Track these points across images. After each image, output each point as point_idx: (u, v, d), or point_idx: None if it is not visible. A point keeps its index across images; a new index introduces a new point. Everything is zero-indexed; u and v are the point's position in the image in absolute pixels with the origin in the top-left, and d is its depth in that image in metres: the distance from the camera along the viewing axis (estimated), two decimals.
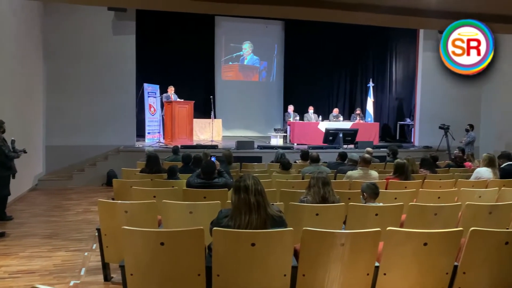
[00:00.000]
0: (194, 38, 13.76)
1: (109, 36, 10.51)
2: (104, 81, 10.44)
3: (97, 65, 10.38)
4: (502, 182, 5.67)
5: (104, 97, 10.42)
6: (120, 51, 10.57)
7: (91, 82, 10.37)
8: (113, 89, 10.50)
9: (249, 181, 2.70)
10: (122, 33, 10.60)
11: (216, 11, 8.38)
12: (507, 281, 2.87)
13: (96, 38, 10.40)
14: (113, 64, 10.50)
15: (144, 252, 2.61)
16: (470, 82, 12.60)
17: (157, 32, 13.05)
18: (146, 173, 5.92)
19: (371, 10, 5.44)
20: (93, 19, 10.27)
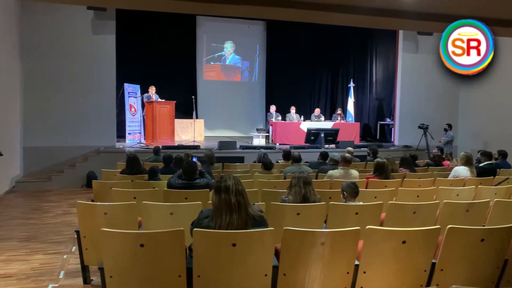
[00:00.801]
0: (176, 38, 13.67)
1: (88, 35, 10.36)
2: (84, 81, 10.29)
3: (77, 65, 10.22)
4: (479, 181, 5.80)
5: (84, 97, 10.26)
6: (100, 50, 10.43)
7: (70, 82, 10.20)
8: (93, 89, 10.35)
9: (230, 182, 2.70)
10: (102, 32, 10.47)
11: (196, 11, 8.36)
12: (483, 277, 2.93)
13: (75, 37, 10.23)
14: (93, 63, 10.35)
15: (123, 254, 2.58)
16: (447, 82, 12.85)
17: (138, 32, 12.91)
18: (126, 174, 5.86)
19: (348, 11, 5.49)
20: (72, 18, 10.11)
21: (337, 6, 5.40)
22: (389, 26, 8.52)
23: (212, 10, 5.59)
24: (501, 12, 6.02)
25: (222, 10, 5.65)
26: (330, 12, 5.50)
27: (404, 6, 5.60)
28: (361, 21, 6.38)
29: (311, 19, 6.44)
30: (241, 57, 15.26)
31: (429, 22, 6.72)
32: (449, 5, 6.16)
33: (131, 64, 12.51)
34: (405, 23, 7.14)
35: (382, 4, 5.52)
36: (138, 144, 10.98)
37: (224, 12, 6.50)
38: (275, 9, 5.20)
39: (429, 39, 12.44)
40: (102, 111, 10.45)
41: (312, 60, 15.24)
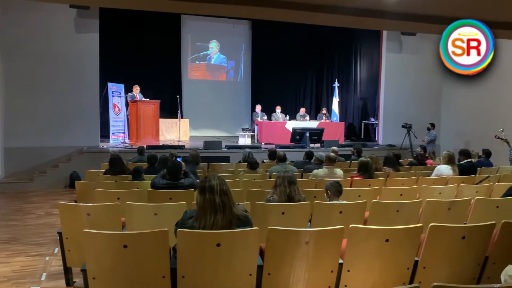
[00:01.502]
0: (160, 37, 13.57)
1: (71, 34, 10.21)
2: (67, 80, 10.14)
3: (59, 64, 10.07)
4: (461, 179, 5.90)
5: (67, 96, 10.12)
6: (83, 49, 10.29)
7: (53, 81, 10.05)
8: (76, 89, 10.21)
9: (214, 181, 2.69)
10: (85, 31, 10.33)
11: (181, 10, 8.29)
12: (465, 274, 2.98)
13: (58, 36, 10.07)
14: (76, 62, 10.21)
15: (106, 255, 2.55)
16: (431, 82, 13.05)
17: (122, 30, 12.78)
18: (110, 174, 5.80)
19: (332, 12, 5.51)
20: (55, 17, 9.96)
21: (321, 6, 5.42)
22: (373, 26, 8.60)
23: (196, 9, 5.56)
24: (484, 13, 6.12)
25: (206, 10, 5.64)
26: (314, 12, 5.52)
27: (388, 6, 5.65)
28: (345, 21, 6.41)
29: (295, 19, 6.46)
30: (227, 56, 15.24)
31: (412, 23, 6.79)
32: (433, 6, 6.23)
33: (115, 63, 12.39)
34: (389, 24, 7.21)
35: (365, 4, 5.55)
36: (122, 144, 10.87)
37: (208, 12, 6.49)
38: (259, 9, 5.20)
39: (413, 39, 12.62)
40: (85, 110, 10.32)
41: (298, 59, 15.30)
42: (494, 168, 7.41)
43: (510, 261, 2.59)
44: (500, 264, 2.73)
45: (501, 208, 4.08)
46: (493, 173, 6.90)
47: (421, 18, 6.65)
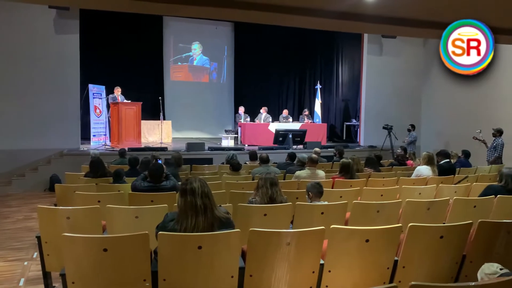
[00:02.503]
0: (142, 38, 13.48)
1: (51, 35, 10.06)
2: (46, 81, 9.98)
3: (39, 65, 9.91)
4: (440, 179, 6.00)
5: (46, 98, 9.95)
6: (63, 50, 10.15)
7: (32, 82, 9.88)
8: (55, 90, 10.05)
9: (196, 184, 2.68)
10: (65, 32, 10.19)
11: (162, 12, 8.27)
12: (443, 272, 3.03)
13: (37, 37, 9.91)
14: (56, 64, 10.06)
15: (86, 259, 2.52)
16: (411, 84, 13.26)
17: (103, 31, 12.64)
18: (90, 177, 5.72)
19: (310, 14, 5.55)
20: (33, 17, 9.79)
21: (299, 9, 5.45)
22: (353, 29, 8.70)
23: (176, 11, 5.54)
24: (464, 15, 6.23)
25: (186, 12, 5.61)
26: (292, 15, 5.55)
27: (367, 10, 5.72)
28: (325, 24, 6.46)
29: (274, 21, 6.48)
30: (209, 58, 15.21)
31: (392, 26, 6.88)
32: (413, 10, 6.32)
33: (96, 64, 12.26)
34: (368, 27, 7.29)
35: (345, 8, 5.61)
36: (103, 146, 10.74)
37: (188, 13, 6.46)
38: (238, 11, 5.21)
39: (393, 42, 12.81)
40: (65, 112, 10.17)
41: (280, 61, 15.36)
42: (472, 169, 7.57)
43: (486, 259, 2.66)
44: (477, 262, 2.79)
45: (478, 208, 4.17)
46: (471, 173, 7.05)
47: (401, 22, 6.73)
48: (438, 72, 12.77)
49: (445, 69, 12.66)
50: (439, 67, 12.66)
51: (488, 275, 2.39)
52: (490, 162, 8.51)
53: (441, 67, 12.63)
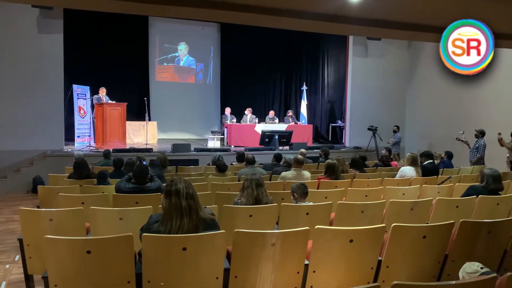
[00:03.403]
0: (127, 38, 13.36)
1: (34, 34, 9.91)
2: (29, 82, 9.82)
3: (21, 65, 9.75)
4: (424, 180, 6.08)
5: (29, 98, 9.80)
6: (47, 50, 10.01)
7: (14, 82, 9.71)
8: (39, 90, 9.90)
9: (180, 185, 2.67)
10: (49, 31, 10.05)
11: (147, 13, 8.21)
12: (426, 272, 3.07)
13: (19, 36, 9.75)
14: (39, 64, 9.91)
15: (69, 261, 2.49)
16: (395, 85, 13.42)
17: (87, 31, 12.52)
18: (74, 178, 5.66)
19: (296, 16, 5.58)
20: (16, 16, 9.63)
21: (285, 11, 5.47)
22: (338, 31, 8.76)
23: (165, 12, 5.51)
24: (448, 18, 6.31)
25: (172, 12, 5.59)
26: (278, 17, 5.57)
27: (352, 12, 5.77)
28: (310, 26, 6.49)
29: (259, 23, 6.49)
30: (196, 58, 15.16)
31: (377, 28, 6.95)
32: (398, 13, 6.39)
33: (80, 64, 12.14)
34: (354, 29, 7.35)
35: (330, 10, 5.65)
36: (88, 147, 10.62)
37: (173, 14, 6.42)
38: (224, 12, 5.20)
39: (378, 44, 12.94)
40: (49, 113, 10.03)
41: (266, 62, 15.40)
42: (455, 169, 7.69)
43: (468, 258, 2.70)
44: (458, 261, 2.83)
45: (460, 208, 4.23)
46: (454, 173, 7.15)
47: (386, 24, 6.80)
48: (422, 73, 12.97)
49: (429, 70, 12.88)
50: (423, 69, 12.88)
51: (469, 274, 2.43)
52: (472, 163, 8.65)
53: (425, 68, 12.88)
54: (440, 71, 12.01)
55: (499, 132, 8.02)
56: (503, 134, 8.02)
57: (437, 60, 12.03)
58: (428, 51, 12.53)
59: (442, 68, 11.97)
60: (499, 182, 4.48)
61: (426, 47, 12.53)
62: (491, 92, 10.39)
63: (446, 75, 11.76)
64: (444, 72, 11.86)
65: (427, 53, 12.69)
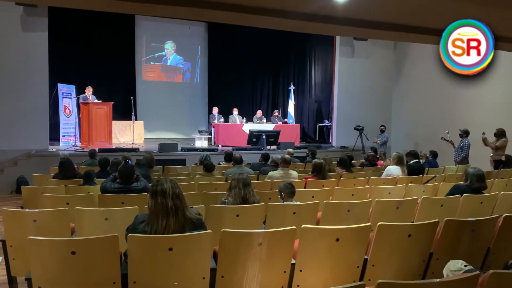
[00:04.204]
0: (113, 37, 13.24)
1: (17, 32, 9.75)
2: (13, 80, 9.66)
3: (5, 63, 9.58)
4: (409, 179, 6.14)
5: (13, 98, 9.63)
6: (31, 48, 9.86)
7: None
8: (23, 90, 9.75)
9: (166, 185, 2.66)
10: (33, 29, 9.90)
11: (134, 11, 8.13)
12: (412, 270, 3.11)
13: (2, 34, 9.59)
14: (23, 62, 9.76)
15: (53, 262, 2.46)
16: (381, 86, 13.53)
17: (73, 29, 12.36)
18: (59, 179, 5.59)
19: (284, 16, 5.58)
20: None
21: (270, 10, 5.47)
22: (324, 31, 8.80)
23: (152, 11, 5.47)
24: (439, 21, 6.34)
25: (158, 11, 5.55)
26: (263, 16, 5.56)
27: (338, 12, 5.79)
28: (296, 26, 6.50)
29: (246, 22, 6.49)
30: (183, 57, 15.09)
31: (363, 29, 6.98)
32: (384, 14, 6.43)
33: (65, 63, 12.00)
34: (340, 29, 7.39)
35: (315, 10, 5.66)
36: (73, 147, 10.50)
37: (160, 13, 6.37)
38: (208, 11, 5.19)
39: (364, 44, 13.04)
40: (33, 112, 9.88)
41: (254, 62, 15.39)
42: (440, 168, 7.78)
43: (452, 256, 2.74)
44: (443, 260, 2.85)
45: (445, 207, 4.29)
46: (439, 173, 7.24)
47: (372, 25, 6.84)
48: (408, 74, 13.11)
49: (415, 71, 12.98)
50: (409, 69, 13.01)
51: (453, 271, 2.46)
52: (457, 162, 8.77)
53: (411, 69, 13.00)
54: (425, 72, 12.18)
55: (483, 132, 8.14)
56: (487, 134, 8.14)
57: (423, 61, 12.24)
58: (414, 52, 12.68)
59: (427, 68, 12.16)
60: (483, 181, 4.54)
61: (412, 47, 12.67)
62: (475, 93, 10.54)
63: (431, 75, 11.93)
64: (430, 73, 12.04)
65: (412, 53, 12.83)
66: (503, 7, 5.84)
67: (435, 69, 11.68)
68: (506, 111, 9.71)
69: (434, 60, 11.54)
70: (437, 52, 10.85)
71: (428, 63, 12.00)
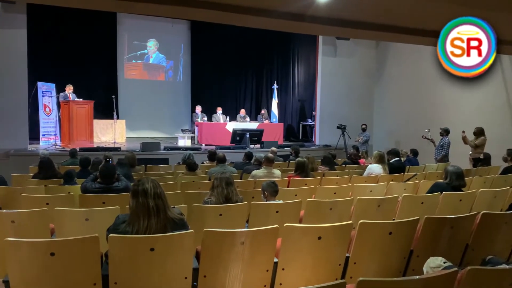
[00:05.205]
0: (94, 34, 13.06)
1: None
2: None
3: None
4: (390, 177, 6.21)
5: None
6: (9, 46, 9.67)
7: None
8: (1, 88, 9.56)
9: (148, 185, 2.64)
10: (11, 26, 9.70)
11: (115, 9, 8.03)
12: (393, 267, 3.14)
13: None
14: (1, 60, 9.56)
15: (31, 264, 2.42)
16: (363, 85, 13.66)
17: (53, 27, 12.15)
18: (39, 178, 5.49)
19: (266, 15, 5.58)
20: None
21: (251, 9, 5.46)
22: (306, 31, 8.83)
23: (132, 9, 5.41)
24: (428, 22, 6.38)
25: (140, 9, 5.49)
26: (244, 15, 5.55)
27: (319, 12, 5.81)
28: (277, 25, 6.51)
29: (225, 20, 6.48)
30: (166, 56, 14.97)
31: (345, 28, 7.03)
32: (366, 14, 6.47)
33: (45, 61, 11.80)
34: (321, 29, 7.42)
35: (297, 9, 5.67)
36: (54, 146, 10.32)
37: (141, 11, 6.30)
38: (189, 9, 5.16)
39: (347, 43, 13.14)
40: (12, 111, 9.69)
41: (237, 61, 15.36)
42: (421, 166, 7.90)
43: (432, 253, 2.79)
44: (423, 256, 2.90)
45: (425, 204, 4.35)
46: (420, 171, 7.34)
47: (354, 25, 6.88)
48: (390, 73, 13.26)
49: (396, 70, 13.13)
50: (390, 69, 13.16)
51: (432, 268, 2.51)
52: (437, 160, 8.90)
53: (393, 68, 13.16)
54: (407, 71, 12.34)
55: (463, 130, 8.28)
56: (467, 133, 8.28)
57: (404, 60, 12.39)
58: (395, 51, 12.84)
59: (408, 67, 12.31)
60: (462, 179, 4.62)
61: (393, 47, 12.82)
62: (455, 92, 10.71)
63: (412, 74, 12.10)
64: (411, 72, 12.20)
65: (394, 53, 12.99)
66: (503, 10, 5.79)
67: (416, 68, 11.90)
68: (486, 110, 9.90)
69: (415, 59, 11.75)
70: (419, 51, 11.00)
71: (409, 62, 12.18)
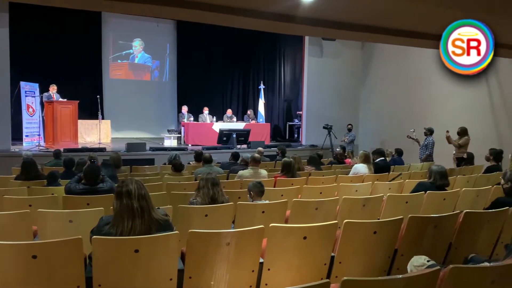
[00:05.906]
0: (79, 34, 12.91)
1: None
2: None
3: None
4: (375, 177, 6.27)
5: None
6: None
7: None
8: None
9: (132, 186, 2.61)
10: None
11: (99, 8, 7.93)
12: (377, 266, 3.17)
13: None
14: None
15: (13, 267, 2.37)
16: (349, 85, 13.76)
17: (36, 26, 11.96)
18: (22, 180, 5.40)
19: (252, 15, 5.58)
20: None
21: (235, 9, 5.45)
22: (291, 31, 8.84)
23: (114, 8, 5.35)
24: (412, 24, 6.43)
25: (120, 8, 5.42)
26: (228, 15, 5.54)
27: (304, 12, 5.82)
28: (262, 25, 6.51)
29: (214, 21, 6.45)
30: (151, 55, 14.88)
31: (331, 29, 7.05)
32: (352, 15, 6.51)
33: (28, 60, 11.64)
34: (307, 29, 7.44)
35: (281, 10, 5.68)
36: (37, 147, 10.18)
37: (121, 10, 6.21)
38: (175, 9, 5.13)
39: (332, 44, 13.21)
40: None
41: (224, 61, 15.34)
42: (405, 166, 7.98)
43: (416, 252, 2.82)
44: (407, 255, 2.94)
45: (409, 203, 4.40)
46: (405, 170, 7.42)
47: (339, 25, 6.91)
48: (375, 73, 13.38)
49: (381, 71, 13.25)
50: (375, 69, 13.28)
51: (416, 267, 2.54)
52: (422, 160, 9.00)
53: (378, 69, 13.28)
54: (392, 71, 12.47)
55: (447, 130, 8.38)
56: (451, 132, 8.39)
57: (389, 61, 12.51)
58: (381, 52, 12.96)
59: (393, 68, 12.43)
60: (446, 178, 4.68)
61: (378, 48, 12.94)
62: (439, 93, 10.86)
63: (397, 75, 12.23)
64: (396, 72, 12.33)
65: (379, 53, 13.10)
66: (502, 15, 5.96)
67: (401, 68, 12.03)
68: (470, 111, 10.05)
69: (400, 60, 11.88)
70: (403, 52, 11.12)
71: (394, 63, 12.30)
